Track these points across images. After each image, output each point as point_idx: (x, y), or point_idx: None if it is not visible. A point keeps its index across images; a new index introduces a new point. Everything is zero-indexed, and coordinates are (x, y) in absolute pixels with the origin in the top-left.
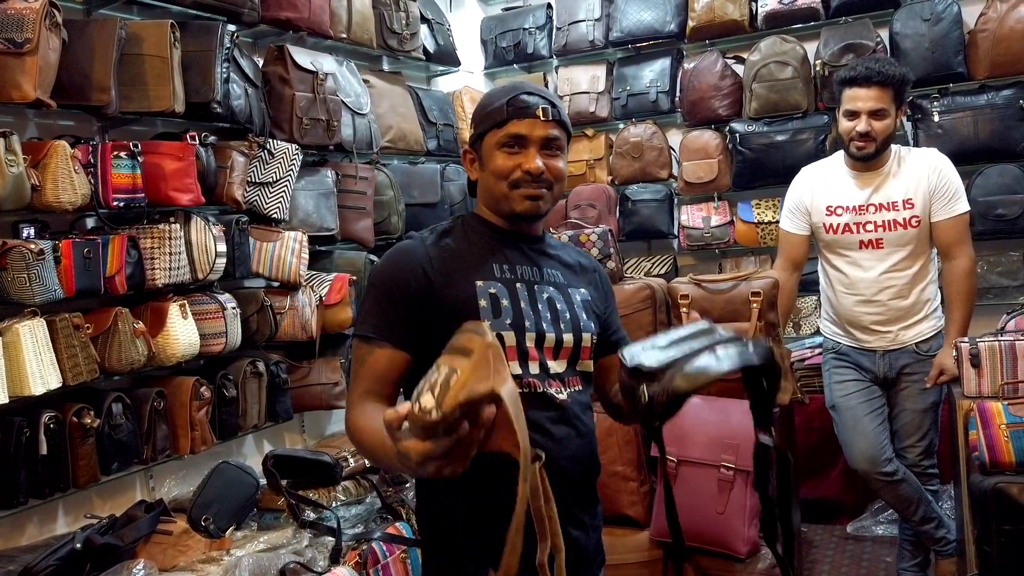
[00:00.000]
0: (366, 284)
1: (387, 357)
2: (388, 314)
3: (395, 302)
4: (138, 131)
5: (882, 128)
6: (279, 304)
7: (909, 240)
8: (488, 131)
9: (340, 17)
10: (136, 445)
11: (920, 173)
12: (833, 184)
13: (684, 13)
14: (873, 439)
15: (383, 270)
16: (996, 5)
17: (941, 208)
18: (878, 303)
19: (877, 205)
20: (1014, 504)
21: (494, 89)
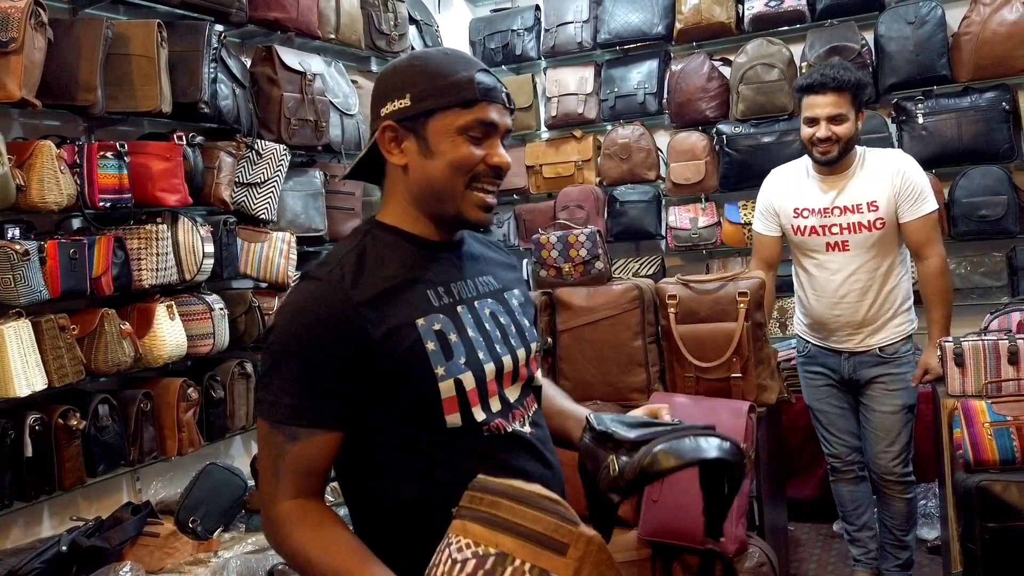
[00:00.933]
0: (269, 352)
1: (318, 445)
2: (312, 390)
3: (319, 373)
4: (125, 131)
5: (843, 132)
6: (267, 305)
7: (874, 242)
8: (444, 109)
9: (328, 18)
10: (123, 447)
11: (884, 176)
12: (800, 187)
13: (671, 15)
14: (845, 437)
15: (296, 333)
16: (979, 8)
17: (908, 209)
18: (845, 304)
19: (842, 208)
20: (998, 502)
21: (430, 53)
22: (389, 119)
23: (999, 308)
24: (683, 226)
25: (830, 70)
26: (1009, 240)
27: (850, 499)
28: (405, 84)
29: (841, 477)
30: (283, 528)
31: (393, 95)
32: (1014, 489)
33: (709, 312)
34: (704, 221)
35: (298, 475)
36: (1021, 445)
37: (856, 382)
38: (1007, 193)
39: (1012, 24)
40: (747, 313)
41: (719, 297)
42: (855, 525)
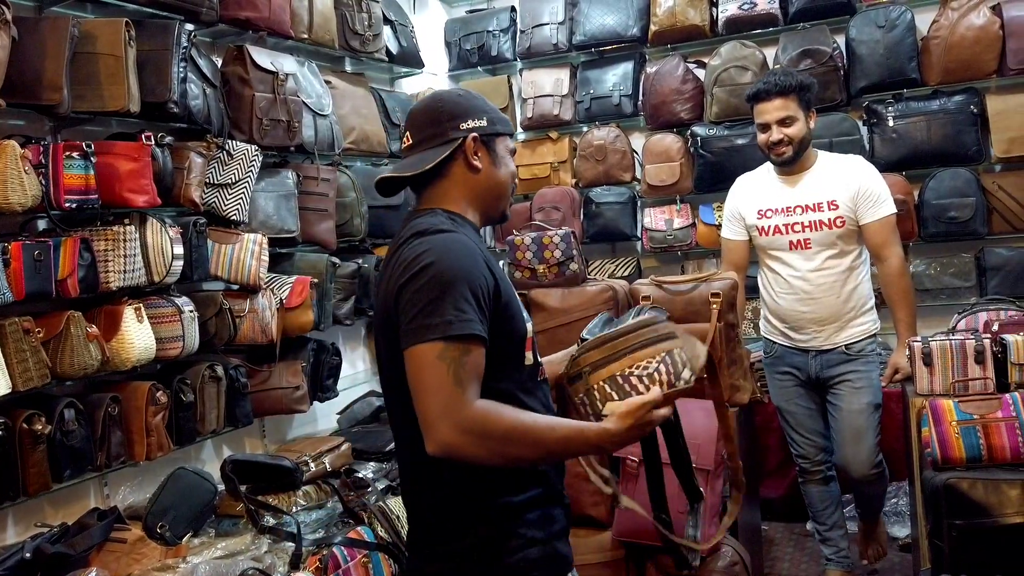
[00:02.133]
0: (433, 277)
1: (480, 356)
2: (475, 310)
3: (476, 297)
4: (92, 131)
5: (794, 133)
6: (238, 307)
7: (835, 240)
8: (504, 134)
9: (301, 17)
10: (89, 452)
11: (844, 178)
12: (764, 189)
13: (646, 17)
14: (813, 437)
15: (458, 265)
16: (947, 13)
17: (867, 211)
18: (810, 301)
19: (804, 207)
20: (965, 499)
21: (472, 91)
22: (474, 132)
23: (967, 308)
24: (658, 227)
25: (772, 76)
26: (977, 241)
27: (819, 499)
28: (478, 109)
29: (810, 478)
30: (486, 420)
31: (472, 115)
32: (980, 487)
33: (682, 313)
34: (679, 223)
35: (475, 381)
36: (987, 443)
37: (823, 381)
38: (975, 195)
39: (979, 28)
40: (720, 314)
41: (692, 298)
42: (826, 525)
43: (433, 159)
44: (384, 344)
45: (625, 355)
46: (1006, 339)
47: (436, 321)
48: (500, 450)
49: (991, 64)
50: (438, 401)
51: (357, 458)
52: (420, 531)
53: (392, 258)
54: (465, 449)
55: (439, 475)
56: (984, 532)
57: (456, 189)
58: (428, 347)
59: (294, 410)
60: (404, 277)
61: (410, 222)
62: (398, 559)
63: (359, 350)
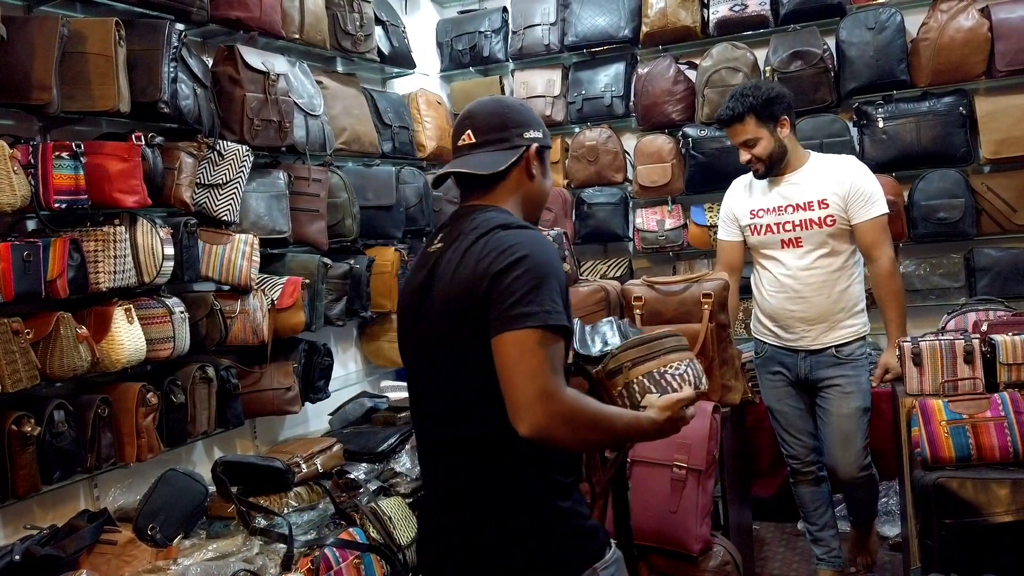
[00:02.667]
0: (531, 268)
1: (565, 346)
2: (563, 304)
3: (563, 292)
4: (82, 131)
5: (760, 151)
6: (229, 308)
7: (825, 239)
8: (548, 148)
9: (292, 17)
10: (79, 453)
11: (835, 177)
12: (756, 191)
13: (638, 19)
14: (803, 438)
15: (550, 260)
16: (936, 15)
17: (859, 211)
18: (799, 300)
19: (795, 205)
20: (954, 498)
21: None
22: (535, 142)
23: (956, 308)
24: (650, 228)
25: (727, 102)
26: (966, 242)
27: (810, 499)
28: (537, 120)
29: (801, 478)
30: (576, 407)
31: (533, 126)
32: (970, 486)
33: (674, 313)
34: (671, 223)
35: (562, 367)
36: (976, 443)
37: (812, 383)
38: (964, 196)
39: (968, 31)
40: (711, 314)
41: (684, 299)
42: (817, 525)
43: (505, 162)
44: (452, 333)
45: (661, 355)
46: (995, 339)
47: (536, 310)
48: (583, 435)
49: (980, 66)
50: (536, 386)
51: (349, 459)
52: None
53: (470, 248)
54: (556, 432)
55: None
56: (974, 531)
57: (511, 193)
58: (528, 333)
59: (285, 411)
60: (499, 265)
61: (474, 215)
62: (390, 560)
63: (351, 351)
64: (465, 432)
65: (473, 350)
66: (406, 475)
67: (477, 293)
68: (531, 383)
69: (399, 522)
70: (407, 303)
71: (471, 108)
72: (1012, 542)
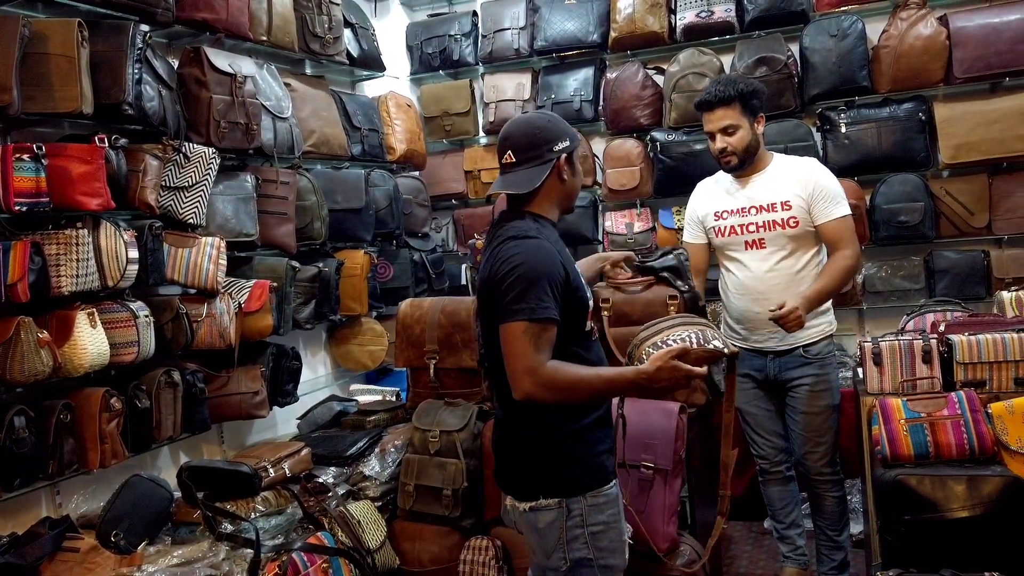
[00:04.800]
0: (522, 275)
1: (554, 331)
2: (552, 299)
3: (552, 290)
4: (43, 133)
5: (737, 141)
6: (196, 312)
7: (788, 239)
8: (576, 150)
9: (260, 19)
10: (41, 460)
11: (798, 179)
12: (720, 193)
13: (606, 24)
14: (772, 438)
15: (540, 265)
16: (897, 23)
17: (822, 212)
18: (763, 301)
19: (758, 207)
20: (913, 495)
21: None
22: (564, 153)
23: (915, 309)
24: (619, 231)
25: (714, 87)
26: (926, 244)
27: (779, 498)
28: (563, 131)
29: (770, 478)
30: (554, 375)
31: (561, 138)
32: (928, 483)
33: (641, 315)
34: (639, 226)
35: (548, 349)
36: (934, 440)
37: (782, 383)
38: (924, 200)
39: (927, 38)
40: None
41: (650, 300)
42: (783, 523)
43: (539, 178)
44: (486, 317)
45: (664, 330)
46: (952, 339)
47: (523, 307)
48: (564, 396)
49: (938, 73)
50: (522, 364)
51: (318, 463)
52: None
53: (492, 253)
54: (539, 395)
55: (526, 413)
56: (932, 526)
57: (546, 196)
58: (516, 324)
59: (253, 416)
60: (501, 272)
61: (507, 223)
62: (359, 564)
63: (320, 355)
64: (502, 386)
65: (496, 333)
66: (375, 479)
67: (492, 291)
68: (518, 361)
69: (368, 526)
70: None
71: (508, 129)
72: (968, 537)
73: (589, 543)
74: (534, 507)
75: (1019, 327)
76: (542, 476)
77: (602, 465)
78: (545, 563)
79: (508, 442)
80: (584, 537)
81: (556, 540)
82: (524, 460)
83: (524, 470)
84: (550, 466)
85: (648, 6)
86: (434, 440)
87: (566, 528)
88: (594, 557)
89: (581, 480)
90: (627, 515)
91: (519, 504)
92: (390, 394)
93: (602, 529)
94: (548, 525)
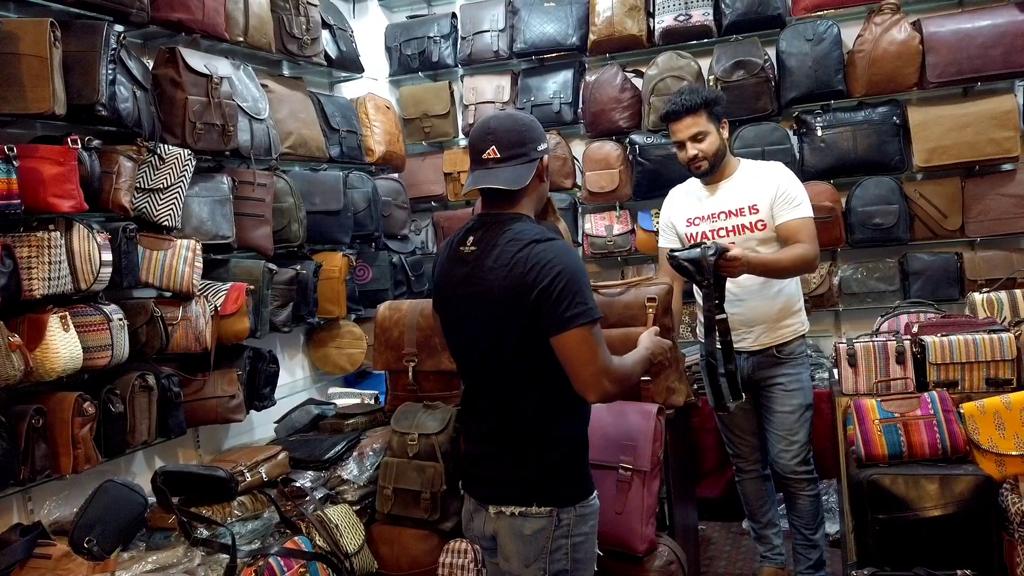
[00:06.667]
0: (571, 279)
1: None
2: (592, 297)
3: (590, 287)
4: (15, 134)
5: (707, 146)
6: (171, 315)
7: (758, 242)
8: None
9: (236, 20)
10: (11, 465)
11: (763, 182)
12: (691, 199)
13: (585, 27)
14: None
15: (576, 264)
16: (871, 28)
17: (784, 212)
18: (737, 303)
19: (727, 212)
20: (887, 494)
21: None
22: (545, 153)
23: (889, 311)
24: (599, 233)
25: (679, 96)
26: (901, 247)
27: (755, 497)
28: (543, 133)
29: (746, 477)
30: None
31: (543, 138)
32: (901, 482)
33: (619, 318)
34: (619, 229)
35: (607, 347)
36: (908, 440)
37: (756, 383)
38: (898, 202)
39: (901, 44)
40: (655, 318)
41: (629, 303)
42: (760, 523)
43: (527, 177)
44: (506, 324)
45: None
46: (925, 340)
47: (582, 310)
48: (627, 385)
49: (912, 77)
50: (596, 367)
51: (295, 467)
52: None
53: (512, 259)
54: (614, 393)
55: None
56: (905, 525)
57: (530, 197)
58: (580, 331)
59: (229, 419)
60: (543, 280)
61: (505, 225)
62: (337, 568)
63: (297, 357)
64: (504, 396)
65: (520, 341)
66: (353, 482)
67: (525, 302)
68: (592, 366)
69: (346, 529)
70: (450, 290)
71: (492, 125)
72: (941, 535)
73: (569, 555)
74: (524, 513)
75: (990, 328)
76: (538, 484)
77: (590, 475)
78: (521, 571)
79: (505, 448)
80: (566, 548)
81: (540, 549)
82: (522, 466)
83: (519, 476)
84: (548, 474)
85: (627, 9)
86: (413, 443)
87: (553, 537)
88: (570, 569)
89: (574, 490)
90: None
91: (505, 508)
92: (368, 397)
93: (582, 541)
94: (535, 533)
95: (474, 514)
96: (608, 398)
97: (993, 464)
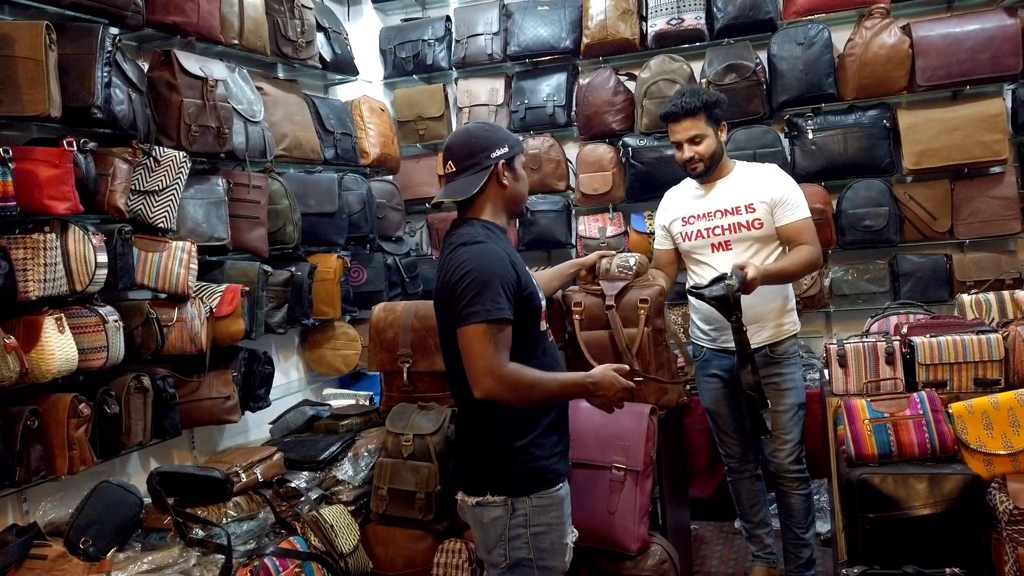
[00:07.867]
0: (475, 279)
1: (509, 330)
2: (506, 300)
3: (505, 291)
4: (11, 136)
5: (703, 149)
6: (166, 316)
7: (754, 240)
8: (520, 153)
9: (231, 23)
10: (7, 466)
11: (761, 183)
12: (686, 199)
13: (579, 30)
14: (740, 437)
15: (490, 267)
16: (862, 32)
17: (785, 215)
18: None
19: (723, 211)
20: (877, 493)
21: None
22: (502, 159)
23: (879, 312)
24: (592, 235)
25: (679, 98)
26: (891, 249)
27: (747, 497)
28: (501, 138)
29: (738, 477)
30: (515, 376)
31: (498, 145)
32: (891, 481)
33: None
34: (612, 230)
35: (506, 349)
36: (897, 440)
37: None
38: (888, 205)
39: (891, 47)
40: (647, 319)
41: (622, 304)
42: (752, 522)
43: (477, 184)
44: (443, 322)
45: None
46: (914, 341)
47: (478, 309)
48: (524, 395)
49: (902, 81)
50: (483, 364)
51: (290, 468)
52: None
53: (445, 260)
54: (500, 395)
55: (481, 413)
56: (895, 524)
57: (490, 202)
58: (475, 327)
59: (224, 421)
60: (454, 278)
61: (457, 230)
62: (332, 568)
63: (292, 359)
64: (458, 390)
65: (453, 336)
66: (348, 483)
67: (450, 300)
68: (480, 362)
69: (341, 530)
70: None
71: (448, 141)
72: (930, 534)
73: (530, 544)
74: (480, 502)
75: (979, 329)
76: (491, 473)
77: (551, 468)
78: (486, 558)
79: (463, 439)
80: (526, 537)
81: (498, 537)
82: (476, 456)
83: (475, 466)
84: (499, 465)
85: (620, 13)
86: (407, 444)
87: (509, 526)
88: (534, 558)
89: (528, 481)
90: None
91: (468, 498)
92: (363, 398)
93: (544, 531)
94: (492, 521)
95: (461, 504)
96: (494, 398)
97: (981, 463)
